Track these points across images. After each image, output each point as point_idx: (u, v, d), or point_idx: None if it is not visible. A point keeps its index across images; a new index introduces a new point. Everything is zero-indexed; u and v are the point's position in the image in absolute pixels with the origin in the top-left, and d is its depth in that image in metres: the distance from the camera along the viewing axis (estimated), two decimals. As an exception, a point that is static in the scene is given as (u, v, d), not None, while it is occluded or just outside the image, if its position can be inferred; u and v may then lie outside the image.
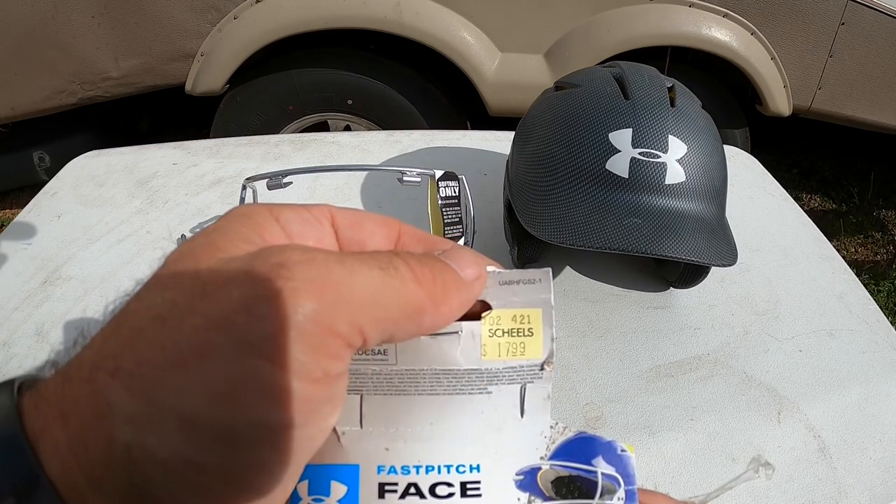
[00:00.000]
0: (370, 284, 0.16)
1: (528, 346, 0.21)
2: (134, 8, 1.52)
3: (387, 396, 0.21)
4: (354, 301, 0.16)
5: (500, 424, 0.22)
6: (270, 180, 0.61)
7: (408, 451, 0.21)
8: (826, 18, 1.61)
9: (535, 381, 0.21)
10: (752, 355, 0.62)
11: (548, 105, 0.66)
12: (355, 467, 0.20)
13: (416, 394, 0.21)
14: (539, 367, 0.21)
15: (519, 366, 0.21)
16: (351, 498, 0.20)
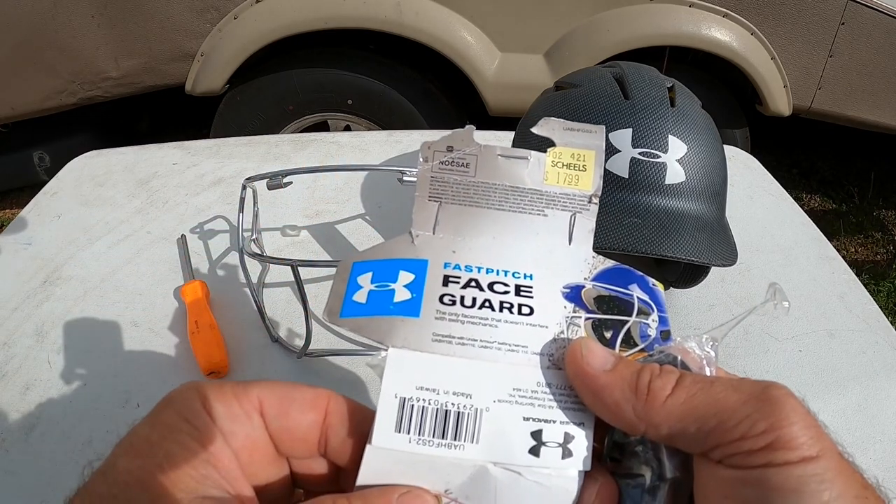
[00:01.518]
0: None
1: (582, 179, 0.26)
2: (134, 8, 1.52)
3: (461, 207, 0.25)
4: None
5: (552, 247, 0.25)
6: (270, 180, 0.61)
7: (472, 255, 0.24)
8: (826, 18, 1.61)
9: (583, 211, 0.25)
10: (752, 355, 0.62)
11: (548, 105, 0.66)
12: (424, 261, 0.24)
13: (486, 207, 0.25)
14: (588, 200, 0.25)
15: (572, 194, 0.25)
16: (418, 284, 0.23)
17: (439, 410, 0.21)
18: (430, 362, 0.22)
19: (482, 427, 0.21)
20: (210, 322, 0.62)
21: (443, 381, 0.21)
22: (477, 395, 0.21)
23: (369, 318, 0.23)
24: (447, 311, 0.23)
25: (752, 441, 0.19)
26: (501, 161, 0.26)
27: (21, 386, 0.57)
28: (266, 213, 0.76)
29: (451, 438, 0.21)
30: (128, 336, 0.63)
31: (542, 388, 0.22)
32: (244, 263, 0.61)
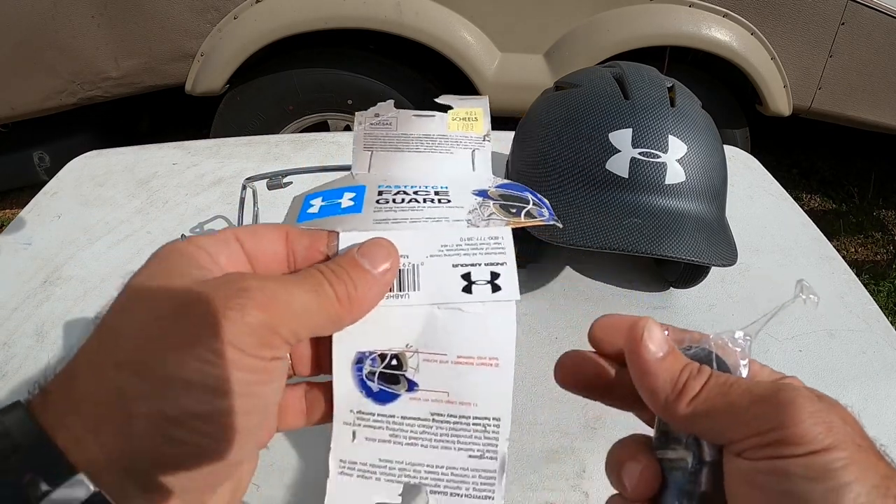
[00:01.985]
0: (304, 302, 0.23)
1: (475, 126, 0.34)
2: (134, 8, 1.52)
3: (388, 153, 0.32)
4: (292, 314, 0.23)
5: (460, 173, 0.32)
6: (270, 180, 0.61)
7: (398, 180, 0.31)
8: (826, 18, 1.61)
9: (480, 148, 0.33)
10: (752, 355, 0.62)
11: (548, 105, 0.66)
12: (362, 186, 0.30)
13: (407, 151, 0.32)
14: (482, 139, 0.34)
15: (470, 136, 0.34)
16: (358, 197, 0.29)
17: None
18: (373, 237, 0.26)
19: (421, 277, 0.25)
20: (210, 322, 0.62)
21: None
22: (413, 254, 0.26)
23: (322, 219, 0.27)
24: (383, 206, 0.28)
25: (759, 438, 0.22)
26: (415, 119, 0.34)
27: (21, 386, 0.57)
28: (266, 213, 0.76)
29: (397, 290, 0.25)
30: (128, 336, 0.63)
31: (465, 242, 0.26)
32: (244, 263, 0.60)
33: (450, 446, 0.25)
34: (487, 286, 0.25)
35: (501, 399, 0.25)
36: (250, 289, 0.22)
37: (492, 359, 0.24)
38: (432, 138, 0.33)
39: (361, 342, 0.25)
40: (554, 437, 0.54)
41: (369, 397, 0.25)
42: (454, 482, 0.25)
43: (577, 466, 0.52)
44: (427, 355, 0.25)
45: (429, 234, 0.26)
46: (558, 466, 0.52)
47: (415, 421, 0.25)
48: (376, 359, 0.25)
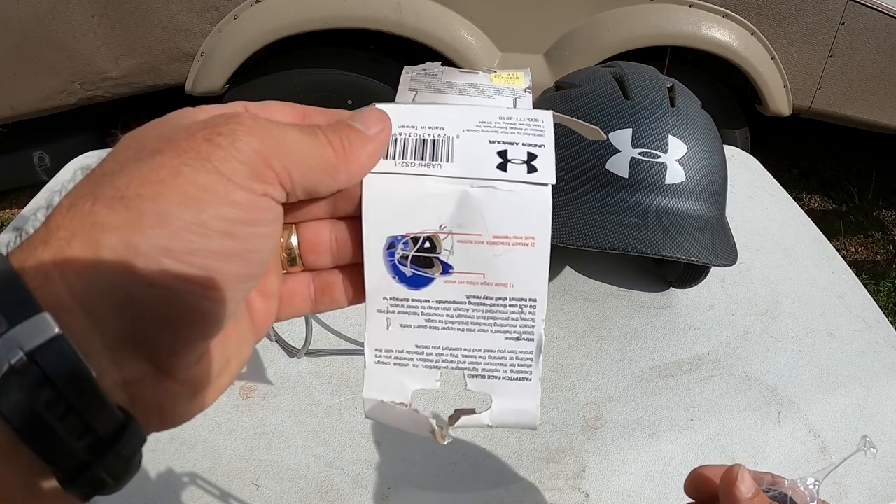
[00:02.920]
0: (298, 141, 0.21)
1: (516, 82, 0.33)
2: (134, 8, 1.52)
3: (431, 94, 0.31)
4: (285, 149, 0.21)
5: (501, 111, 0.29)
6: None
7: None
8: (826, 18, 1.61)
9: (521, 97, 0.32)
10: (752, 355, 0.62)
11: (548, 105, 0.66)
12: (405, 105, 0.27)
13: (450, 94, 0.31)
14: (523, 90, 0.32)
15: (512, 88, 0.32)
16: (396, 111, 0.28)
17: (418, 139, 0.24)
18: (410, 109, 0.26)
19: (455, 149, 0.24)
20: (210, 322, 0.62)
21: (420, 119, 0.25)
22: (449, 126, 0.25)
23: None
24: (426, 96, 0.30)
25: None
26: (460, 73, 0.34)
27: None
28: (266, 213, 0.76)
29: (429, 159, 0.24)
30: (128, 336, 0.63)
31: (504, 120, 0.25)
32: (244, 263, 0.60)
33: (487, 329, 0.24)
34: (523, 166, 0.24)
35: (538, 279, 0.24)
36: (242, 117, 0.20)
37: (528, 238, 0.23)
38: (475, 86, 0.32)
39: (393, 226, 0.24)
40: (554, 437, 0.54)
41: (402, 283, 0.24)
42: (492, 365, 0.25)
43: (577, 466, 0.52)
44: (461, 236, 0.24)
45: (467, 109, 0.26)
46: (558, 466, 0.52)
47: (451, 304, 0.24)
48: (408, 242, 0.24)
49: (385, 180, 0.24)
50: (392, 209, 0.24)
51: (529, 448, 0.53)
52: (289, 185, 0.21)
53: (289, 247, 0.24)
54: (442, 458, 0.53)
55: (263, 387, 0.58)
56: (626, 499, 0.50)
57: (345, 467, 0.52)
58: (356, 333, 0.64)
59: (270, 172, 0.20)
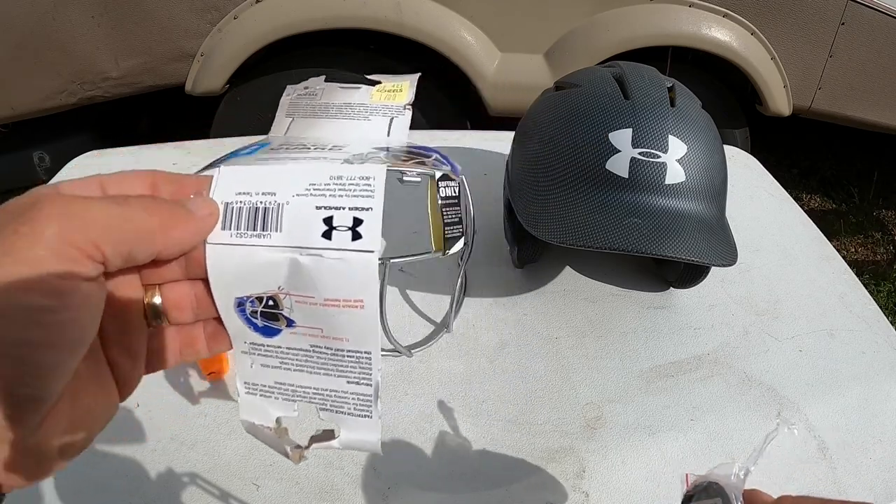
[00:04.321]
0: (102, 213, 0.22)
1: (398, 96, 0.35)
2: (134, 8, 1.52)
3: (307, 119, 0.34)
4: (88, 223, 0.21)
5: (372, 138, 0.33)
6: (270, 180, 0.61)
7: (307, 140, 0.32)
8: (826, 18, 1.61)
9: (399, 116, 0.33)
10: (752, 355, 0.62)
11: (548, 105, 0.66)
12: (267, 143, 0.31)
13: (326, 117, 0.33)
14: (403, 107, 0.34)
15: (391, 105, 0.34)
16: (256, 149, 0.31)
17: (251, 209, 0.25)
18: (248, 172, 0.26)
19: (284, 218, 0.25)
20: (210, 322, 0.62)
21: (256, 185, 0.26)
22: (280, 192, 0.26)
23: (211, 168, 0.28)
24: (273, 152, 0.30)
25: None
26: (340, 90, 0.35)
27: (21, 386, 0.57)
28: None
29: (260, 230, 0.25)
30: (128, 336, 0.63)
31: (333, 181, 0.26)
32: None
33: (330, 373, 0.27)
34: (348, 233, 0.25)
35: (370, 335, 0.26)
36: (42, 202, 0.21)
37: (357, 301, 0.25)
38: (352, 106, 0.34)
39: (237, 289, 0.26)
40: (554, 437, 0.54)
41: (256, 332, 0.27)
42: (338, 403, 0.27)
43: (577, 466, 0.52)
44: (297, 297, 0.26)
45: (300, 170, 0.26)
46: (558, 466, 0.52)
47: (298, 351, 0.27)
48: (254, 301, 0.26)
49: (223, 251, 0.25)
50: (233, 275, 0.25)
51: (529, 448, 0.53)
52: (100, 257, 0.22)
53: (153, 305, 0.26)
54: (442, 458, 0.53)
55: (263, 387, 0.58)
56: (626, 499, 0.50)
57: (345, 467, 0.52)
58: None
59: (74, 251, 0.21)
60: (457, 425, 0.55)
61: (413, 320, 0.66)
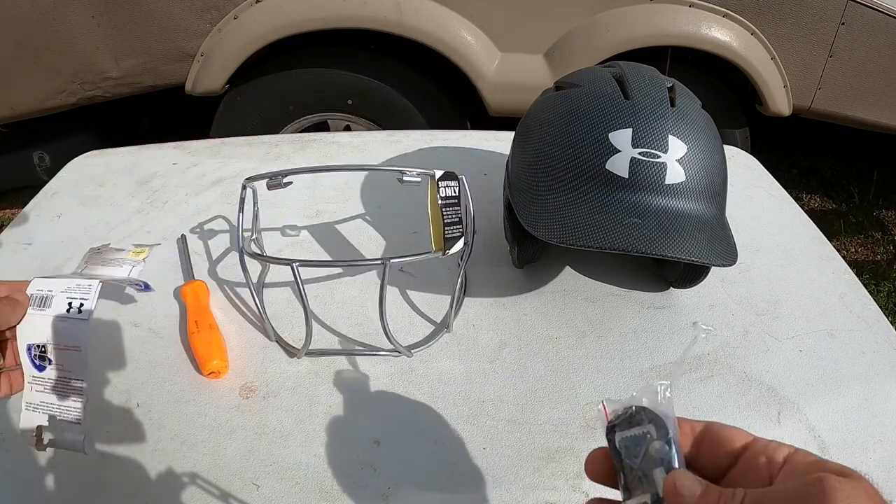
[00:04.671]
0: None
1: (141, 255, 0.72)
2: (134, 8, 1.52)
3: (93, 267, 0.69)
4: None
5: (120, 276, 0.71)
6: (270, 180, 0.61)
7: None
8: (826, 18, 1.61)
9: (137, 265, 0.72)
10: (752, 355, 0.62)
11: (548, 105, 0.66)
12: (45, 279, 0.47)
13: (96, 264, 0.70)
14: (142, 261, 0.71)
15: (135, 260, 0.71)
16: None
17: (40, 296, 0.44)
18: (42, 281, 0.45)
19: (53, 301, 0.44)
20: (210, 322, 0.62)
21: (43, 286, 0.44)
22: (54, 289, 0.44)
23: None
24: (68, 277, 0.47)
25: None
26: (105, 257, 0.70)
27: (21, 386, 0.57)
28: (266, 213, 0.76)
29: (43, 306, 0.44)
30: (128, 336, 0.63)
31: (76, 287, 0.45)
32: (244, 263, 0.61)
33: (69, 395, 0.44)
34: (76, 310, 0.44)
35: (84, 370, 0.44)
36: None
37: (75, 347, 0.44)
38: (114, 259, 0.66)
39: (28, 338, 0.44)
40: (554, 437, 0.54)
41: (35, 368, 0.44)
42: (75, 413, 0.44)
43: (577, 466, 0.52)
44: (52, 345, 0.44)
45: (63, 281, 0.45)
46: (558, 466, 0.52)
47: (54, 380, 0.44)
48: (34, 347, 0.44)
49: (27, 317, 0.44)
50: (26, 329, 0.44)
51: (529, 448, 0.53)
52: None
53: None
54: (442, 458, 0.53)
55: (263, 387, 0.58)
56: (626, 499, 0.50)
57: (345, 467, 0.52)
58: (356, 333, 0.64)
59: None
60: (457, 425, 0.55)
61: (413, 320, 0.66)
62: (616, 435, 0.30)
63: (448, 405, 0.57)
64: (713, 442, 0.30)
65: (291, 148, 0.94)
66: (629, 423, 0.30)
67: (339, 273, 0.70)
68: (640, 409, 0.31)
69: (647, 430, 0.30)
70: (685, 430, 0.31)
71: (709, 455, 0.30)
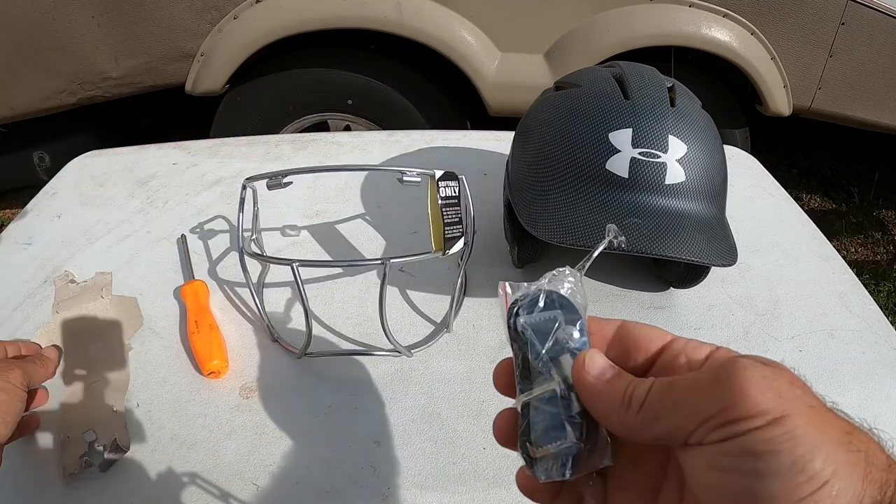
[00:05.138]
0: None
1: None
2: (134, 8, 1.52)
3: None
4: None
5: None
6: (270, 180, 0.61)
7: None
8: (826, 18, 1.61)
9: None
10: (752, 355, 0.62)
11: (548, 105, 0.66)
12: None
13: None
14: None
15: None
16: None
17: None
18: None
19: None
20: (210, 322, 0.62)
21: None
22: None
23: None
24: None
25: (713, 421, 0.21)
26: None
27: (21, 386, 0.57)
28: (266, 213, 0.76)
29: None
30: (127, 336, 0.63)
31: None
32: (244, 263, 0.61)
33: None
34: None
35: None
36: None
37: None
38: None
39: None
40: (554, 437, 0.54)
41: None
42: None
43: (577, 466, 0.52)
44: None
45: None
46: (558, 466, 0.52)
47: None
48: None
49: None
50: None
51: (529, 448, 0.53)
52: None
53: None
54: (442, 458, 0.53)
55: (263, 387, 0.58)
56: (626, 499, 0.50)
57: (345, 467, 0.52)
58: (356, 333, 0.64)
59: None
60: (457, 425, 0.55)
61: (413, 320, 0.66)
62: (519, 318, 0.27)
63: (448, 405, 0.57)
64: (628, 343, 0.27)
65: (291, 148, 0.94)
66: (534, 306, 0.27)
67: (339, 273, 0.70)
68: (547, 292, 0.27)
69: (554, 314, 0.27)
70: (595, 329, 0.28)
71: (623, 357, 0.27)
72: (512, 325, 0.27)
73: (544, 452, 0.25)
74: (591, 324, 0.28)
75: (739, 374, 0.22)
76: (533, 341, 0.27)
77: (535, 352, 0.27)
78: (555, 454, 0.25)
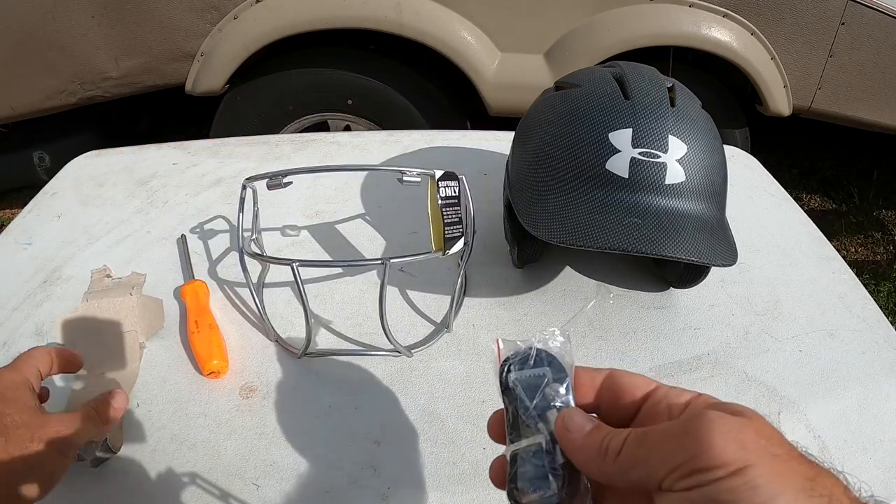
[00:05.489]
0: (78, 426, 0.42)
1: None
2: (134, 8, 1.52)
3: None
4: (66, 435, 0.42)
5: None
6: (270, 180, 0.61)
7: None
8: (826, 18, 1.61)
9: None
10: (752, 355, 0.62)
11: (548, 105, 0.66)
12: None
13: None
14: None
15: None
16: None
17: None
18: None
19: None
20: (210, 322, 0.62)
21: None
22: None
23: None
24: None
25: (681, 471, 0.23)
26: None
27: (21, 386, 0.57)
28: (266, 213, 0.76)
29: None
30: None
31: None
32: (244, 263, 0.61)
33: None
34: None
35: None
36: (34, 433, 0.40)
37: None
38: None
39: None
40: (554, 437, 0.54)
41: None
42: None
43: (577, 466, 0.52)
44: None
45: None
46: (558, 466, 0.52)
47: None
48: None
49: None
50: None
51: (529, 448, 0.53)
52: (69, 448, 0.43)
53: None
54: (442, 458, 0.53)
55: (263, 387, 0.58)
56: (626, 499, 0.50)
57: (345, 467, 0.52)
58: (356, 333, 0.64)
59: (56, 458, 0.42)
60: (457, 425, 0.55)
61: (413, 320, 0.66)
62: (510, 374, 0.30)
63: (448, 405, 0.57)
64: (615, 391, 0.30)
65: (291, 148, 0.94)
66: (524, 363, 0.30)
67: (339, 273, 0.70)
68: (537, 350, 0.30)
69: (543, 371, 0.29)
70: (585, 379, 0.31)
71: (611, 404, 0.30)
72: (503, 380, 0.30)
73: (529, 499, 0.28)
74: (582, 373, 0.31)
75: (706, 426, 0.23)
76: (522, 396, 0.29)
77: (524, 406, 0.29)
78: (538, 501, 0.28)
